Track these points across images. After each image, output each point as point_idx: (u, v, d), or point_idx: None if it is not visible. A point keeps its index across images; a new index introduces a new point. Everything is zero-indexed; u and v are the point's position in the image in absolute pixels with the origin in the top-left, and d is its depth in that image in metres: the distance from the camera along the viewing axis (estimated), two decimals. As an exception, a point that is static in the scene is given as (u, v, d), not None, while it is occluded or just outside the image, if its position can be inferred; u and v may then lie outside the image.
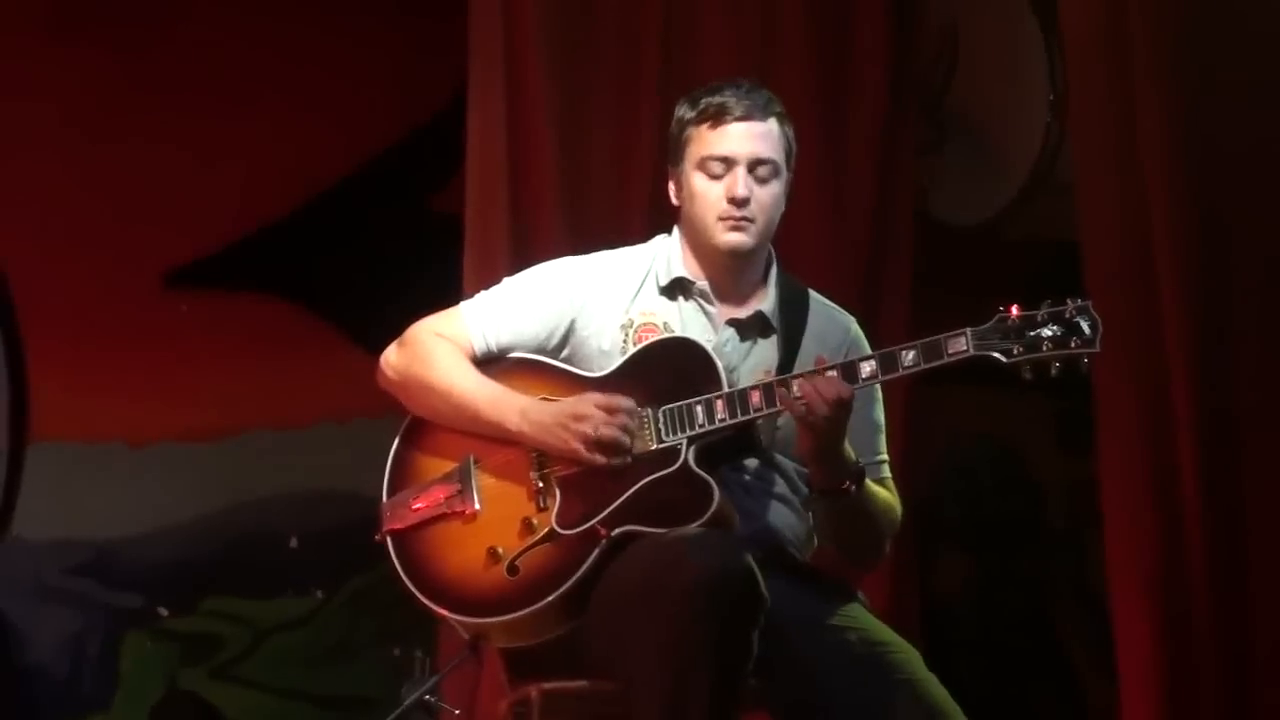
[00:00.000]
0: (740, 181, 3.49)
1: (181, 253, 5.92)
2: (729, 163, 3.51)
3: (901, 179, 5.16)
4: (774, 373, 3.46)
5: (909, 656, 3.46)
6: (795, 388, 3.34)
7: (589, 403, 3.41)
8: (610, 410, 3.39)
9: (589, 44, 5.00)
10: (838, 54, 5.08)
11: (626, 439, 3.38)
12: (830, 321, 3.63)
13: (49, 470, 5.80)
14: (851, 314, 3.70)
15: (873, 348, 3.55)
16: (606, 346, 3.54)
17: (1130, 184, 4.45)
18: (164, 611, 5.85)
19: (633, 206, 4.89)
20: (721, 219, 3.51)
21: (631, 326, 3.56)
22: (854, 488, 3.41)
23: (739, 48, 5.00)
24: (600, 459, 3.37)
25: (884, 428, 3.63)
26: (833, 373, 3.34)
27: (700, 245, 3.57)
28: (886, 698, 3.39)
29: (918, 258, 5.12)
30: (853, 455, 3.42)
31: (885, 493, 3.56)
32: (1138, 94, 4.42)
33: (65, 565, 5.82)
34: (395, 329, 3.63)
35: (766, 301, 3.58)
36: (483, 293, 3.64)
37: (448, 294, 3.68)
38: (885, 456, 3.62)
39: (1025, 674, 5.60)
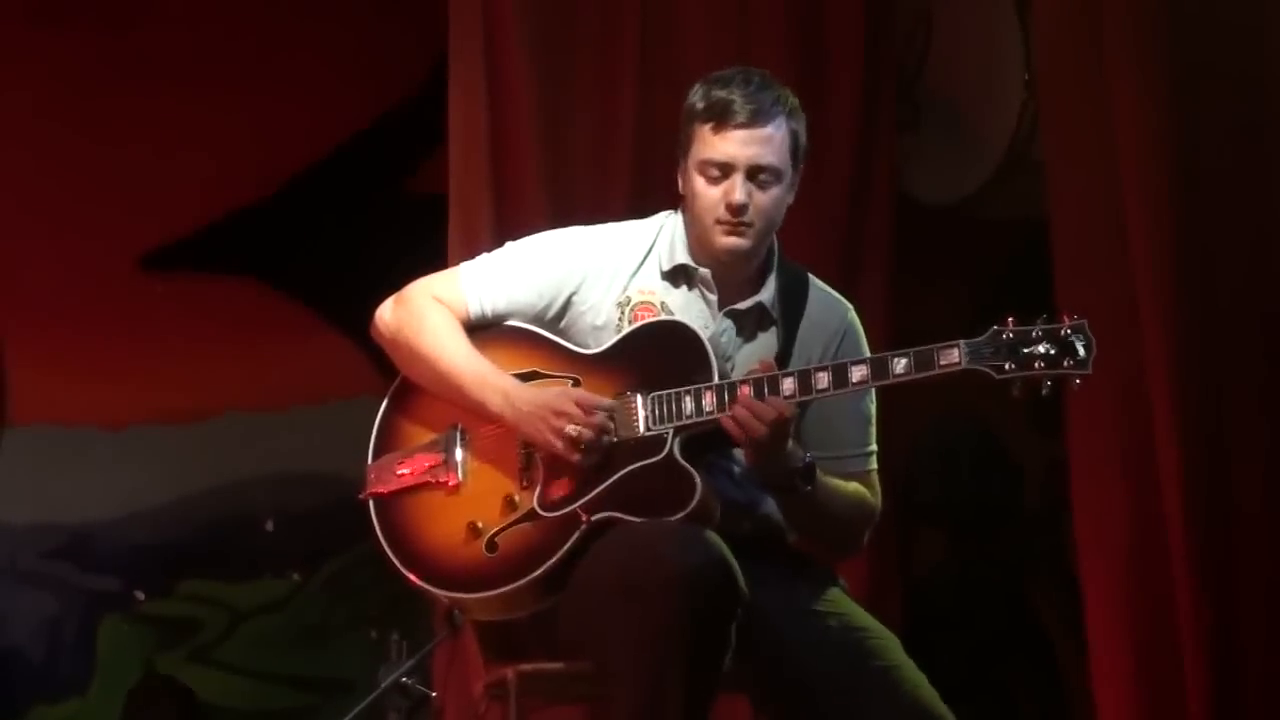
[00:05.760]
0: (739, 189, 3.43)
1: (157, 235, 5.92)
2: (728, 169, 3.44)
3: (880, 159, 5.15)
4: (771, 365, 3.40)
5: (888, 643, 3.46)
6: (740, 393, 3.31)
7: (569, 399, 3.38)
8: (588, 410, 3.37)
9: (569, 23, 4.99)
10: (813, 35, 5.09)
11: (600, 440, 3.35)
12: (828, 309, 3.60)
13: (25, 454, 5.80)
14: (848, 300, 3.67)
15: (856, 330, 3.57)
16: (601, 322, 3.51)
17: (1103, 166, 4.43)
18: (141, 595, 5.85)
19: (615, 186, 4.90)
20: (719, 222, 3.46)
21: (629, 304, 3.52)
22: (804, 486, 3.38)
23: (716, 29, 5.00)
24: (574, 456, 3.35)
25: (874, 419, 3.58)
26: (790, 379, 3.31)
27: (699, 241, 3.52)
28: (865, 683, 3.39)
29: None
30: (800, 454, 3.37)
31: (855, 487, 3.51)
32: (1111, 76, 4.40)
33: (42, 549, 5.82)
34: (371, 311, 3.59)
35: (767, 292, 3.54)
36: (484, 255, 3.60)
37: (426, 275, 3.65)
38: (873, 448, 3.58)
39: (1004, 654, 5.60)
